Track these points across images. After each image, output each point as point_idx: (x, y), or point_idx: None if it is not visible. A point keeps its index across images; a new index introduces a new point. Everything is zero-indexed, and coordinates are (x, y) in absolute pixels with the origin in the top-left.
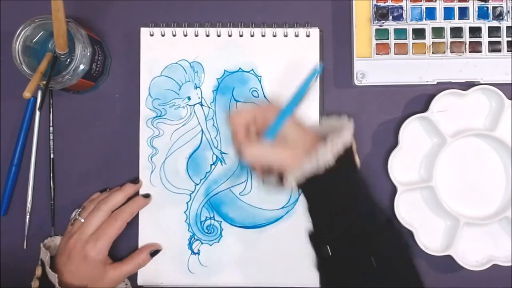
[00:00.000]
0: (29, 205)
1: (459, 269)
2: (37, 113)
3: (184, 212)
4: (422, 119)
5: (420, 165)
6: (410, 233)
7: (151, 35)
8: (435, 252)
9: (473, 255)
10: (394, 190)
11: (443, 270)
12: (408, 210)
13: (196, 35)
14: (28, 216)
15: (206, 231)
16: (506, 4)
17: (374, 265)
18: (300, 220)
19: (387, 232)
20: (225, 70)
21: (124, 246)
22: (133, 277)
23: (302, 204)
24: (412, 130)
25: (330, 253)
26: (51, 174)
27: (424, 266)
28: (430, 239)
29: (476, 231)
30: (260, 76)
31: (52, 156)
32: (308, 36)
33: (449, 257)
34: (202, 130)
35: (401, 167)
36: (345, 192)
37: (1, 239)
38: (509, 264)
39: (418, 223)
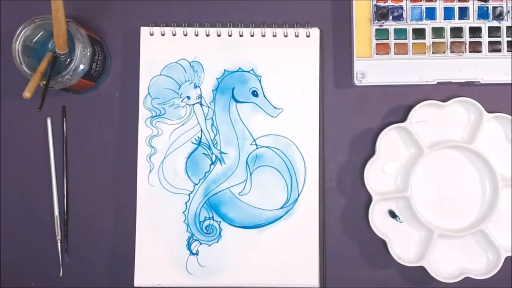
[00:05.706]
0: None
1: (432, 281)
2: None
3: (183, 212)
4: (400, 129)
5: (396, 175)
6: (384, 243)
7: (151, 35)
8: (408, 262)
9: (446, 267)
10: (370, 199)
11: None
12: (382, 220)
13: (196, 35)
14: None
15: (205, 231)
16: (506, 4)
17: None
18: (299, 220)
19: None
20: (225, 70)
21: (122, 246)
22: (130, 278)
23: (301, 204)
24: (389, 140)
25: None
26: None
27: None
28: (403, 249)
29: (450, 243)
30: (260, 76)
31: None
32: (308, 36)
33: (423, 269)
34: (201, 129)
35: (377, 176)
36: None
37: (1, 239)
38: (482, 278)
39: (392, 233)
